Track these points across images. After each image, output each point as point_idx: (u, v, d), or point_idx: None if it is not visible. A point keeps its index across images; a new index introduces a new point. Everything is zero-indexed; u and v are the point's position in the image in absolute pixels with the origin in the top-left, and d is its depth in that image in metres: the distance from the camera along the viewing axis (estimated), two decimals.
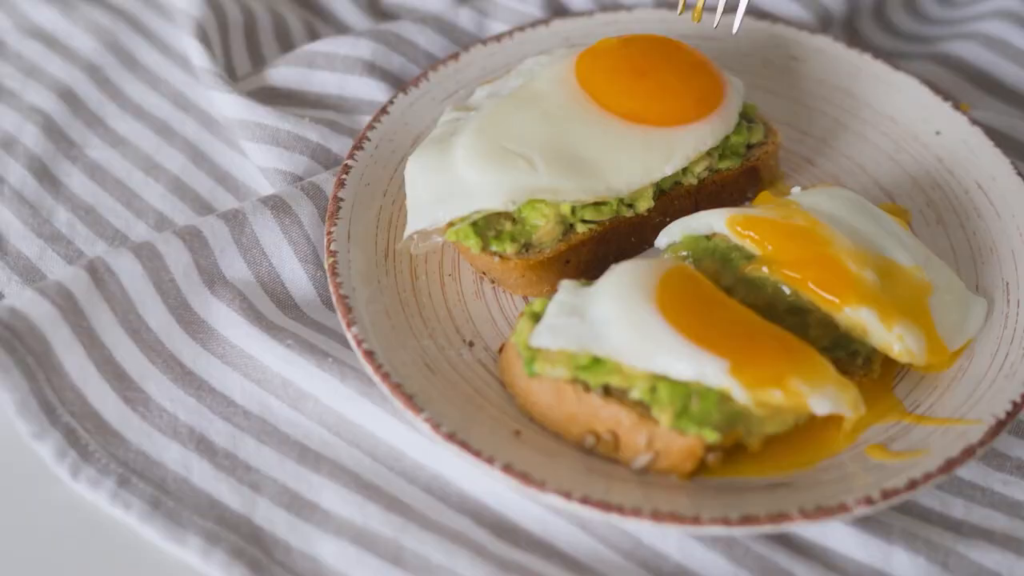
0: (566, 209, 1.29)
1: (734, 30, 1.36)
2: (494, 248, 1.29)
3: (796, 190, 1.34)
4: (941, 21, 1.71)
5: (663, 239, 1.30)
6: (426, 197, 1.30)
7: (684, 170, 1.34)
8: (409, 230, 1.31)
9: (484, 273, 1.33)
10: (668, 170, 1.31)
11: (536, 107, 1.33)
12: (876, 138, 1.47)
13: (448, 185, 1.30)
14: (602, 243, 1.33)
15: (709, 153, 1.35)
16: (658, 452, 1.17)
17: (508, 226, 1.30)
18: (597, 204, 1.31)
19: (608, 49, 1.38)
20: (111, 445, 1.20)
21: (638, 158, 1.31)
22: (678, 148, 1.32)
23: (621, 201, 1.32)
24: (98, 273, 1.26)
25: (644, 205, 1.32)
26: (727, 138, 1.36)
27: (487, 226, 1.29)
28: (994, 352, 1.27)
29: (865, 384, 1.25)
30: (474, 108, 1.40)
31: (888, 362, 1.26)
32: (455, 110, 1.40)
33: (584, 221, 1.31)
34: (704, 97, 1.34)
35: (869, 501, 1.14)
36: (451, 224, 1.29)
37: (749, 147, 1.39)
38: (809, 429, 1.21)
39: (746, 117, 1.39)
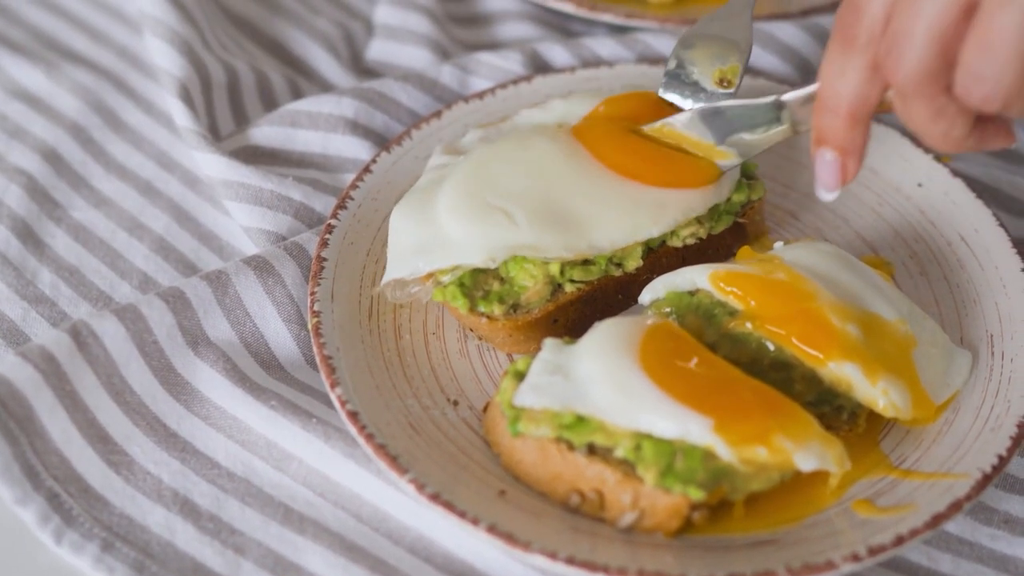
0: (554, 269, 1.29)
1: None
2: (482, 309, 1.29)
3: (779, 245, 1.34)
4: None
5: (646, 295, 1.30)
6: (407, 246, 1.30)
7: (672, 233, 1.33)
8: (387, 277, 1.30)
9: (472, 331, 1.33)
10: (655, 232, 1.31)
11: (524, 156, 1.33)
12: (858, 191, 1.47)
13: (430, 236, 1.29)
14: (589, 302, 1.33)
15: (699, 220, 1.34)
16: (643, 510, 1.16)
17: (496, 286, 1.30)
18: (586, 263, 1.31)
19: (616, 101, 1.39)
20: (95, 509, 1.20)
21: (625, 216, 1.30)
22: (667, 211, 1.32)
23: (610, 260, 1.32)
24: (81, 336, 1.25)
25: (633, 264, 1.32)
26: (727, 199, 1.36)
27: (474, 286, 1.29)
28: (979, 405, 1.27)
29: (851, 439, 1.24)
30: (464, 151, 1.39)
31: (874, 416, 1.26)
32: (444, 153, 1.40)
33: (572, 281, 1.31)
34: (703, 169, 1.34)
35: (856, 557, 1.13)
36: (430, 276, 1.29)
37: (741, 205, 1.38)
38: (795, 485, 1.20)
39: (746, 174, 1.39)
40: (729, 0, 1.45)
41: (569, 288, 1.31)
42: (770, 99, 1.28)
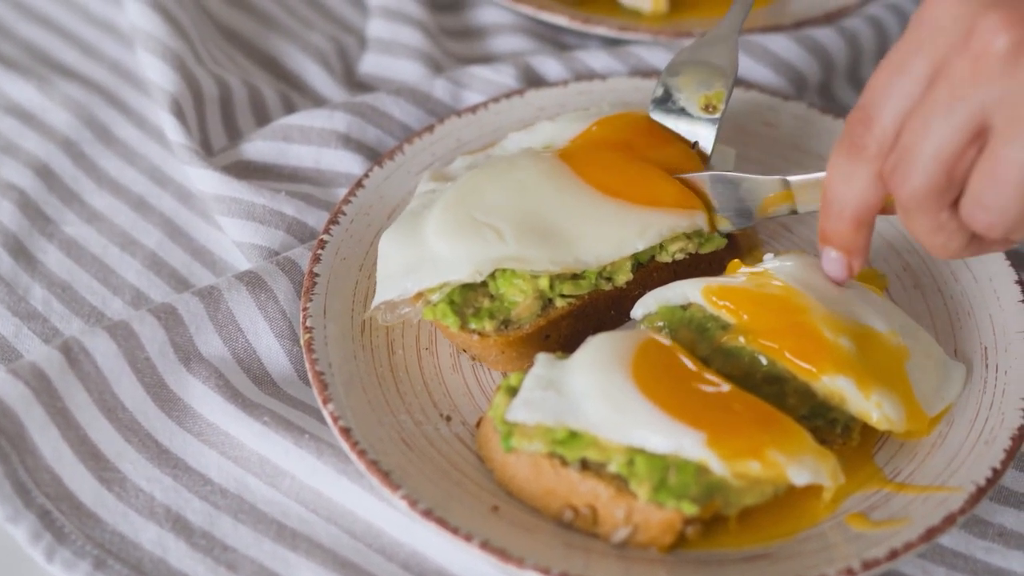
0: (544, 284, 1.29)
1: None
2: (473, 326, 1.29)
3: (769, 257, 1.34)
4: None
5: (639, 310, 1.30)
6: (395, 268, 1.30)
7: (661, 248, 1.34)
8: (377, 300, 1.30)
9: (464, 350, 1.33)
10: (640, 245, 1.31)
11: (512, 176, 1.33)
12: None
13: (418, 257, 1.30)
14: (581, 317, 1.32)
15: (687, 235, 1.34)
16: (637, 526, 1.16)
17: (486, 303, 1.29)
18: (575, 278, 1.30)
19: (608, 121, 1.39)
20: (87, 526, 1.19)
21: (611, 232, 1.30)
22: (653, 225, 1.32)
23: (599, 274, 1.32)
24: (72, 353, 1.25)
25: (623, 278, 1.32)
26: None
27: (465, 303, 1.29)
28: (973, 418, 1.26)
29: (844, 452, 1.24)
30: (452, 177, 1.40)
31: (868, 430, 1.25)
32: (432, 180, 1.40)
33: (563, 296, 1.30)
34: (691, 196, 1.35)
35: (850, 572, 1.13)
36: (420, 295, 1.29)
37: None
38: (788, 500, 1.20)
39: None
40: (717, 24, 1.46)
41: (560, 303, 1.30)
42: (775, 178, 1.31)
